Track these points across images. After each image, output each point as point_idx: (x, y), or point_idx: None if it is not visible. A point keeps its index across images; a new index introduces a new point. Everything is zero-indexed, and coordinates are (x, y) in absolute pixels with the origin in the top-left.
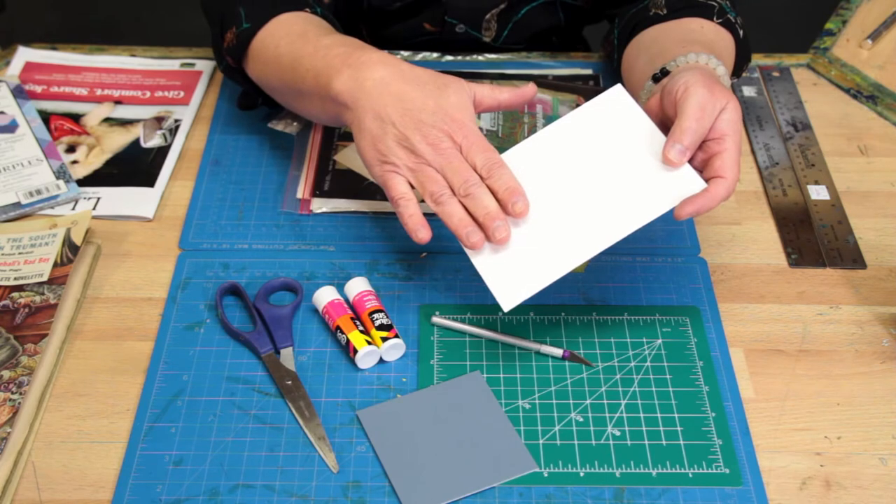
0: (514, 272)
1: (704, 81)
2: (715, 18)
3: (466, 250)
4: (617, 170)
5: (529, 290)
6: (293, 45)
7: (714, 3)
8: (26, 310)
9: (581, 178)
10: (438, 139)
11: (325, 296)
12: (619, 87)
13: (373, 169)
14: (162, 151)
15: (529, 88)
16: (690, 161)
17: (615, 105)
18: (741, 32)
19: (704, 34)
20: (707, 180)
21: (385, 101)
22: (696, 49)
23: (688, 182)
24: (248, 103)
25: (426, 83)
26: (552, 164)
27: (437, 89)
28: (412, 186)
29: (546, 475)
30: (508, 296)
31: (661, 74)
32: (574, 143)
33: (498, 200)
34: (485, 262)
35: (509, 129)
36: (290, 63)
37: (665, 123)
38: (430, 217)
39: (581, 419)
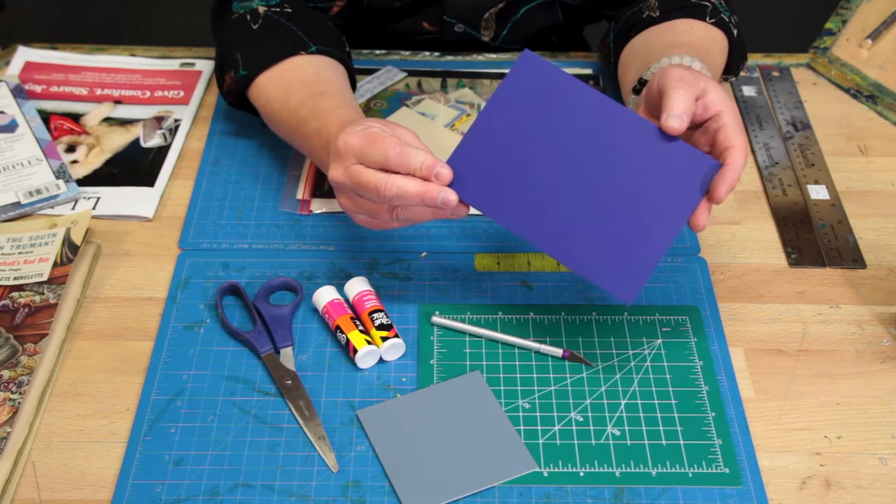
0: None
1: (680, 67)
2: (708, 18)
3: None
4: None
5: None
6: (283, 113)
7: (707, 4)
8: (26, 309)
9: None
10: (354, 196)
11: (324, 295)
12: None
13: (370, 226)
14: (162, 151)
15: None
16: (697, 145)
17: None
18: (735, 31)
19: (693, 34)
20: (720, 155)
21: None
22: (678, 51)
23: (703, 167)
24: None
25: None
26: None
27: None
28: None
29: (546, 475)
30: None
31: (640, 86)
32: None
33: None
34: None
35: None
36: (285, 132)
37: None
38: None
39: (581, 419)
